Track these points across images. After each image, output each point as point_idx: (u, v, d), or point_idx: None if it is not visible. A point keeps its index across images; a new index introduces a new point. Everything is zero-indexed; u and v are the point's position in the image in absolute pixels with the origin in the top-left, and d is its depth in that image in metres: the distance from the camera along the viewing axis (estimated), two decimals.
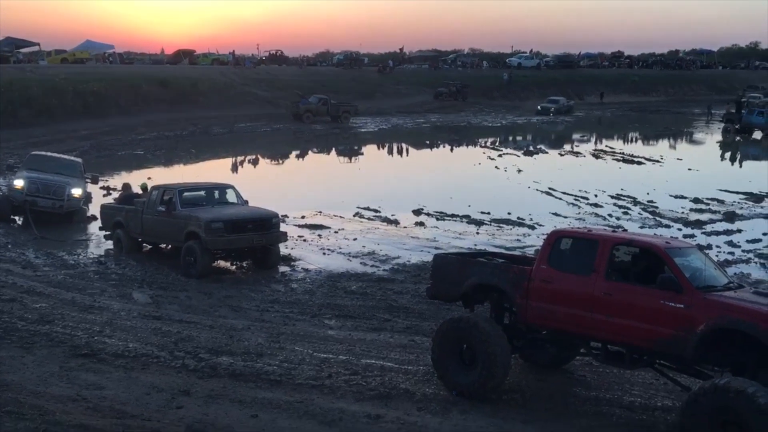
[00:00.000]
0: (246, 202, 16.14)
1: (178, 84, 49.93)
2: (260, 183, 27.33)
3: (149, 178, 21.89)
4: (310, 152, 40.08)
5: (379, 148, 42.25)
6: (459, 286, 9.12)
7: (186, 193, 15.67)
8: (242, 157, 35.83)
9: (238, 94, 53.60)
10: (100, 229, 17.67)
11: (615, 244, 8.30)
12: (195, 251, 14.52)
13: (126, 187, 19.00)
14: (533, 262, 9.15)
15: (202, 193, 16.11)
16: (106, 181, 25.57)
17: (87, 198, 20.61)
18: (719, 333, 7.30)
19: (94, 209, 20.34)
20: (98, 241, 17.69)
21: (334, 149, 41.06)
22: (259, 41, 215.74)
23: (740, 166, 37.96)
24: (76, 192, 19.52)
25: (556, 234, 8.94)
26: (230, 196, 16.11)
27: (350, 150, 40.87)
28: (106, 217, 17.36)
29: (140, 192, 17.84)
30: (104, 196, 22.72)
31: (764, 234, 18.76)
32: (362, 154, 39.77)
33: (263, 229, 15.04)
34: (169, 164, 32.35)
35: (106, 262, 15.46)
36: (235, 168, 32.78)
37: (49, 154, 22.80)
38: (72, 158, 22.67)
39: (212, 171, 30.05)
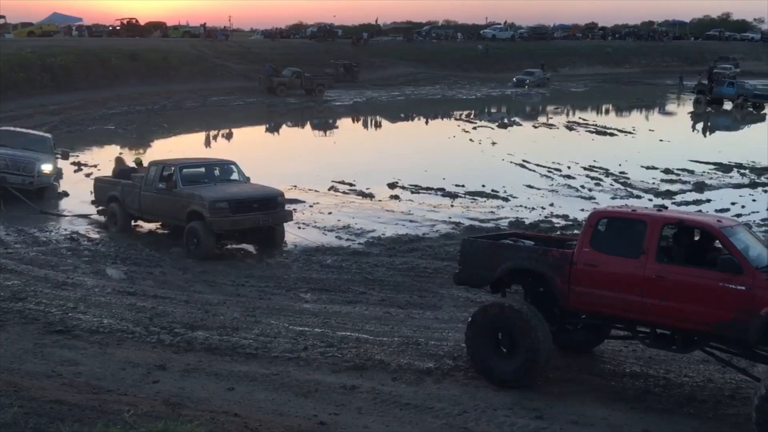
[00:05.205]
0: (248, 179, 15.63)
1: (148, 57, 49.11)
2: (234, 157, 27.07)
3: (131, 151, 21.60)
4: (284, 126, 39.81)
5: (353, 122, 42.07)
6: (492, 271, 8.66)
7: (187, 170, 15.09)
8: (216, 131, 35.50)
9: (211, 68, 52.90)
10: (93, 203, 17.31)
11: (664, 224, 7.92)
12: (198, 232, 14.04)
13: (119, 160, 18.50)
14: (564, 243, 8.93)
15: (204, 169, 15.52)
16: (77, 156, 25.19)
17: (58, 174, 20.32)
18: None
19: (65, 185, 20.13)
20: (71, 218, 17.47)
21: (308, 123, 40.83)
22: (231, 13, 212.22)
23: (707, 137, 38.49)
24: (47, 168, 19.21)
25: (599, 215, 8.46)
26: (232, 173, 15.59)
27: (325, 123, 40.67)
28: (100, 191, 16.82)
29: (134, 166, 17.42)
30: (75, 171, 22.45)
31: (732, 204, 19.13)
32: (337, 127, 39.62)
33: (269, 208, 14.54)
34: (142, 139, 31.93)
35: (78, 239, 15.32)
36: (208, 142, 32.48)
37: (17, 129, 22.32)
38: (41, 133, 22.26)
39: (186, 145, 29.75)
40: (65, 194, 19.56)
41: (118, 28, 62.62)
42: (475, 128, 35.79)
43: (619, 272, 7.90)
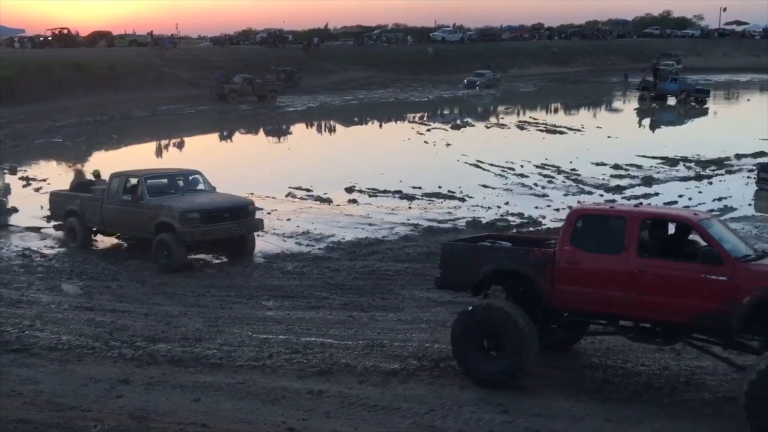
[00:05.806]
0: (214, 188, 15.39)
1: (94, 67, 48.16)
2: (187, 165, 26.76)
3: (78, 167, 21.19)
4: (237, 133, 39.51)
5: (307, 127, 42.01)
6: (474, 274, 8.62)
7: (152, 181, 14.73)
8: (167, 141, 35.02)
9: (159, 76, 52.11)
10: (49, 219, 16.84)
11: (643, 220, 8.03)
12: (168, 244, 13.72)
13: (79, 173, 18.09)
14: (542, 242, 8.99)
15: (169, 180, 15.15)
16: (25, 171, 24.61)
17: (6, 189, 19.84)
18: None
19: (13, 201, 19.65)
20: (26, 233, 17.06)
21: (262, 129, 40.60)
22: (178, 21, 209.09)
23: (653, 132, 39.55)
24: None
25: (578, 213, 8.49)
26: (198, 183, 15.30)
27: (279, 129, 40.49)
28: (56, 206, 16.30)
29: (93, 179, 16.99)
30: (24, 186, 21.92)
31: (680, 196, 19.73)
32: (291, 133, 39.48)
33: (240, 217, 14.36)
34: (91, 151, 31.33)
35: (30, 255, 14.98)
36: (159, 152, 32.04)
37: None
38: None
39: (137, 156, 29.31)
40: (14, 210, 19.09)
41: (49, 38, 60.29)
42: (429, 130, 36.08)
43: (602, 269, 7.97)
